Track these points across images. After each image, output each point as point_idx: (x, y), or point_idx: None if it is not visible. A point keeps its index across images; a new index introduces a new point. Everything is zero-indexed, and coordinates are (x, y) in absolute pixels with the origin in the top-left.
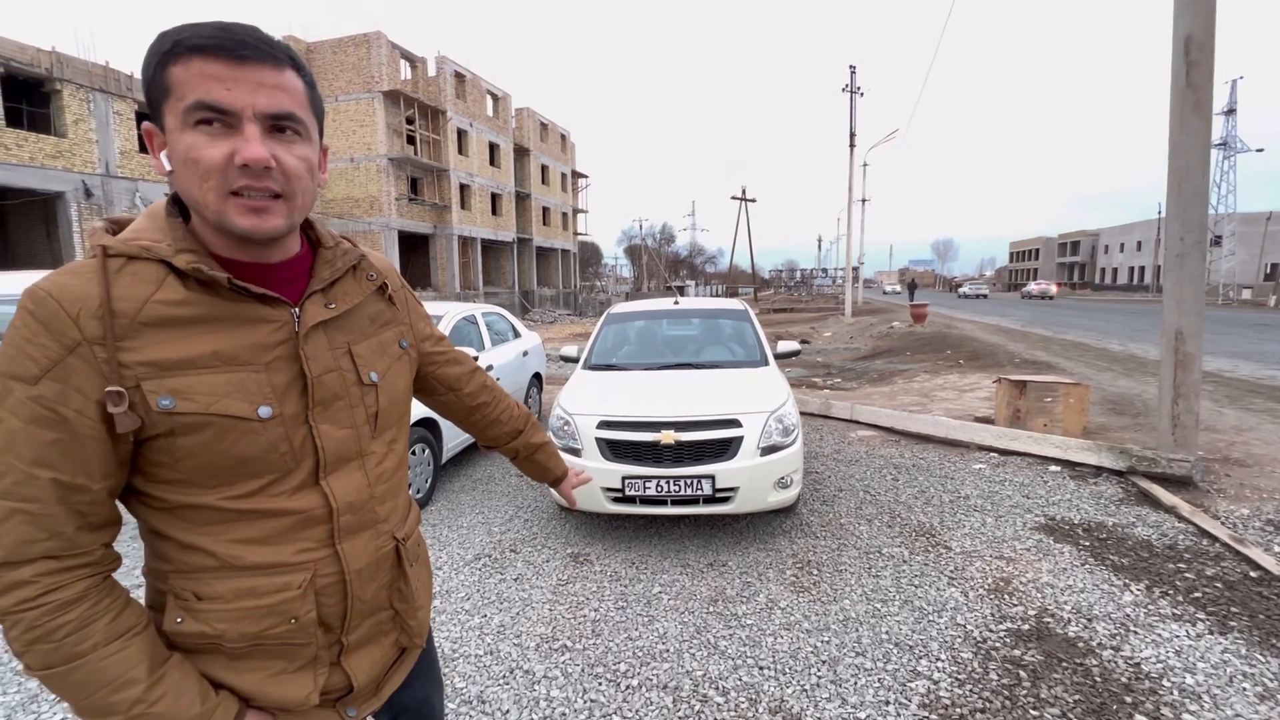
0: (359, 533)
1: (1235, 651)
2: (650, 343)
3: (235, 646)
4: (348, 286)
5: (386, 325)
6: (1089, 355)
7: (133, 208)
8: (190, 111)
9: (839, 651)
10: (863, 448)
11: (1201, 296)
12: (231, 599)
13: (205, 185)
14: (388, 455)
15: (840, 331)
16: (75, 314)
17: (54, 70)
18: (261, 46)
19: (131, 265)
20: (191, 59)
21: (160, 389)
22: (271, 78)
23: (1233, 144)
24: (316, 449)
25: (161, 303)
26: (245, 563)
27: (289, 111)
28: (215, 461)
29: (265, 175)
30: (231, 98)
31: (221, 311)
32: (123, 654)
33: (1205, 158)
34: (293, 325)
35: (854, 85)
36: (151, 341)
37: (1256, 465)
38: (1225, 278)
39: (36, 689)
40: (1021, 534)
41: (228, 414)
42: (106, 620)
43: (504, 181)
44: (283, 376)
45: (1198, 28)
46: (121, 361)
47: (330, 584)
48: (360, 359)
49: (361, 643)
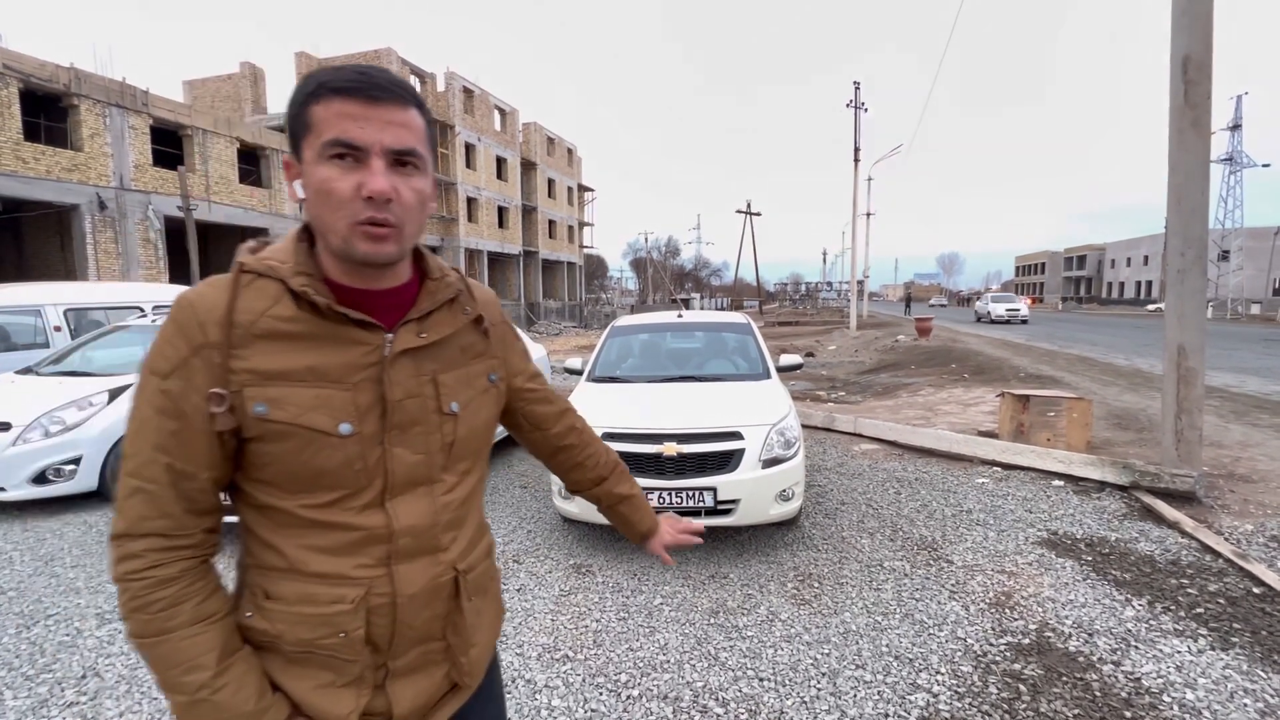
0: (416, 558)
1: (1237, 667)
2: (654, 355)
3: (291, 650)
4: (443, 317)
5: (478, 358)
6: (1094, 370)
7: (145, 220)
8: (327, 147)
9: (839, 664)
10: (866, 461)
11: (1203, 312)
12: (293, 601)
13: (336, 214)
14: (458, 485)
15: (845, 345)
16: (204, 320)
17: (72, 86)
18: (392, 89)
19: (258, 281)
20: (332, 100)
21: (258, 396)
22: (398, 116)
23: (1239, 159)
24: (386, 471)
25: (274, 317)
26: (309, 569)
27: (411, 148)
28: (296, 469)
29: (385, 206)
30: (363, 135)
31: (322, 330)
32: (200, 638)
33: (1204, 174)
34: (383, 349)
35: (858, 101)
36: (259, 351)
37: (1261, 481)
38: (1233, 293)
39: (46, 693)
40: (1024, 548)
41: (311, 426)
42: (194, 602)
43: (511, 195)
44: (366, 397)
45: (1196, 47)
46: (231, 367)
47: (382, 604)
48: (444, 388)
49: (408, 670)
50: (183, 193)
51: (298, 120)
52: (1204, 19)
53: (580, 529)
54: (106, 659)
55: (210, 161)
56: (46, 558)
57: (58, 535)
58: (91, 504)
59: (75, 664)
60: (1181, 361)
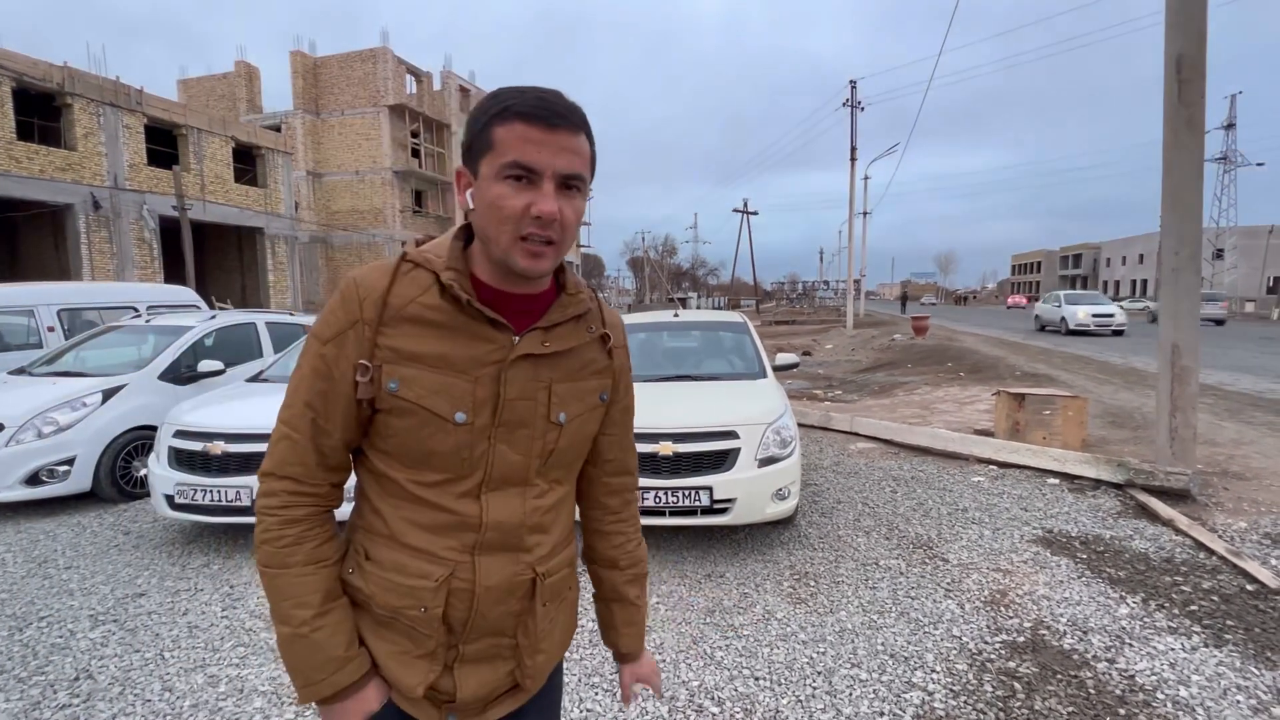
0: (499, 553)
1: (1230, 664)
2: (650, 355)
3: (379, 612)
4: (568, 330)
5: (596, 375)
6: (1090, 368)
7: (139, 219)
8: (506, 167)
9: (835, 662)
10: (862, 460)
11: (1197, 310)
12: (387, 568)
13: (503, 228)
14: (549, 492)
15: (842, 344)
16: (364, 298)
17: (65, 85)
18: (569, 116)
19: (415, 271)
20: (515, 123)
21: (394, 373)
22: (571, 143)
23: (1233, 158)
24: (488, 463)
25: (421, 304)
26: (406, 540)
27: (579, 173)
28: (412, 446)
29: (550, 226)
30: (539, 159)
31: (459, 323)
32: (311, 578)
33: (1199, 173)
34: (509, 350)
35: (854, 100)
36: (403, 333)
37: (1255, 479)
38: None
39: (38, 695)
40: (1019, 546)
41: (431, 409)
42: (312, 545)
43: None
44: (485, 391)
45: (1189, 47)
46: (379, 343)
47: (462, 589)
48: (556, 397)
49: (476, 657)
50: (177, 192)
51: (480, 137)
52: (1197, 18)
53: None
54: (99, 661)
55: (205, 161)
56: (40, 559)
57: (51, 537)
58: (85, 505)
59: (68, 666)
60: (1176, 360)
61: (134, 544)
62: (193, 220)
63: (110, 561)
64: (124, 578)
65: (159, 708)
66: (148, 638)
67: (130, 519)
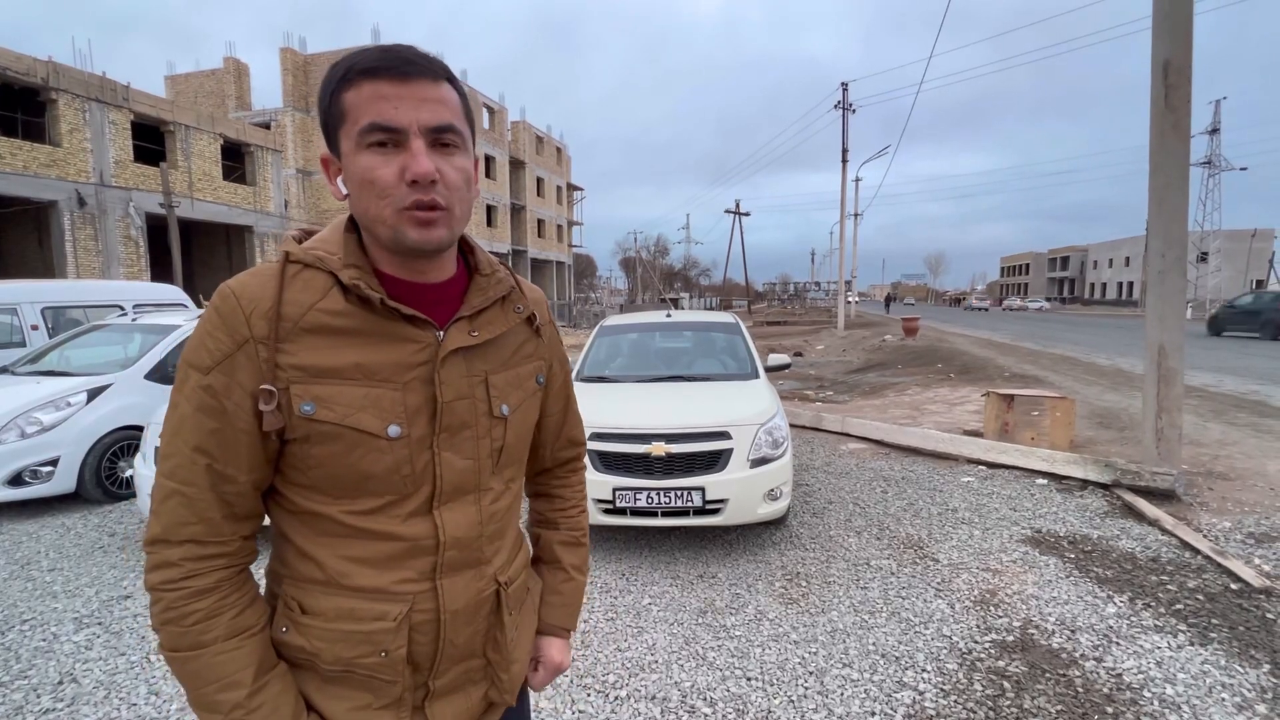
0: (461, 571)
1: (1215, 662)
2: (642, 355)
3: (329, 669)
4: (494, 315)
5: (529, 358)
6: (1077, 369)
7: (126, 217)
8: (364, 134)
9: (826, 663)
10: (853, 460)
11: (1183, 312)
12: (332, 618)
13: (382, 203)
14: (504, 494)
15: (833, 344)
16: (249, 312)
17: (50, 80)
18: (421, 63)
19: (305, 272)
20: (362, 83)
21: (305, 394)
22: (432, 92)
23: (1218, 162)
24: (435, 476)
25: (322, 311)
26: (350, 583)
27: (449, 123)
28: (341, 473)
29: (431, 188)
30: (399, 115)
31: (372, 326)
32: (237, 653)
33: (1184, 177)
34: (435, 348)
35: (846, 102)
36: (306, 347)
37: (1239, 479)
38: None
39: (21, 700)
40: (1008, 546)
41: (359, 428)
42: (231, 615)
43: (499, 194)
44: (416, 398)
45: (1176, 52)
46: (278, 363)
47: (425, 621)
48: (495, 390)
49: (448, 690)
50: (164, 189)
51: (331, 111)
52: (1184, 24)
53: None
54: (84, 664)
55: (193, 158)
56: (22, 561)
57: (34, 538)
58: (69, 506)
59: (52, 670)
60: (1162, 361)
61: (119, 545)
62: (180, 218)
63: (95, 563)
64: (109, 580)
65: (144, 711)
66: (133, 640)
67: (116, 520)
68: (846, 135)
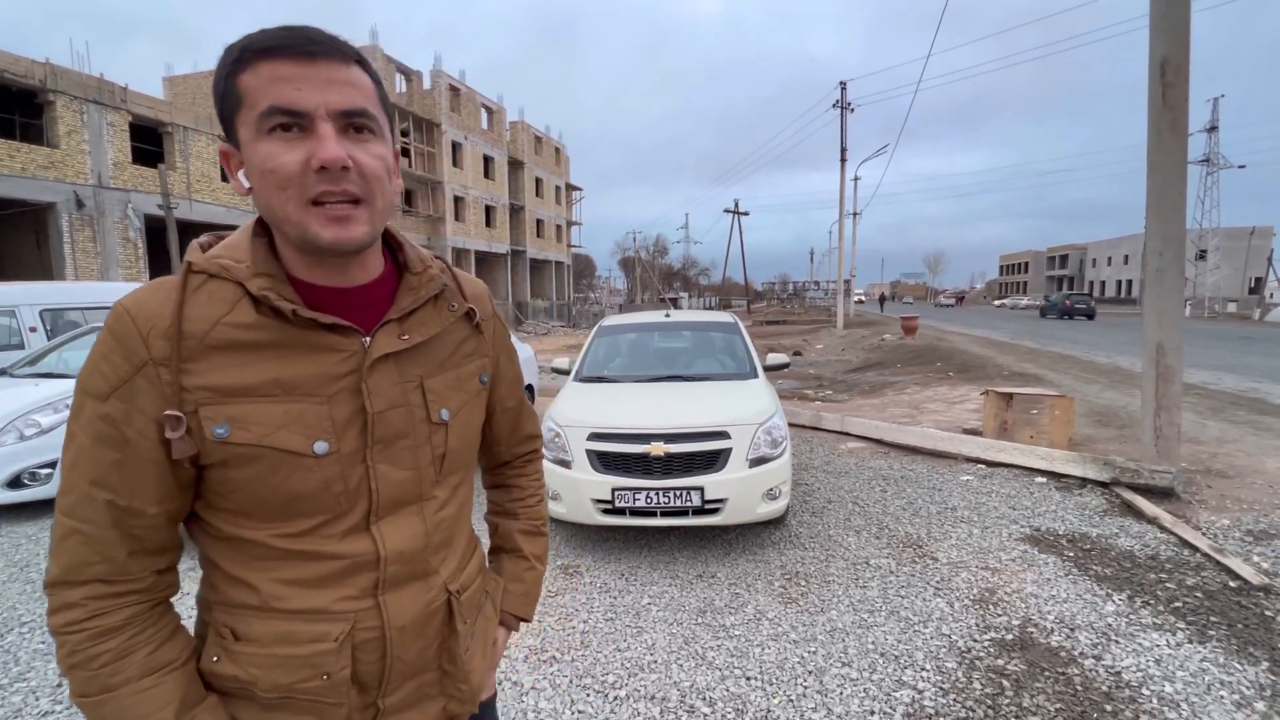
0: (406, 584)
1: (1214, 660)
2: (641, 355)
3: (267, 696)
4: (427, 316)
5: (469, 357)
6: (1076, 368)
7: (124, 218)
8: (263, 119)
9: (825, 662)
10: (852, 459)
11: (1181, 310)
12: (268, 643)
13: (284, 195)
14: (450, 501)
15: (832, 344)
16: (146, 332)
17: (48, 82)
18: (328, 43)
19: (210, 284)
20: (260, 64)
21: (217, 416)
22: (341, 74)
23: (1216, 160)
24: (371, 491)
25: (231, 325)
26: (286, 605)
27: (362, 107)
28: (267, 496)
29: (343, 177)
30: (302, 98)
31: (289, 338)
32: (155, 691)
33: (1182, 175)
34: (361, 355)
35: (844, 101)
36: (215, 365)
37: (1238, 476)
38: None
39: (20, 703)
40: (1007, 545)
41: (282, 447)
42: (145, 653)
43: (498, 194)
44: (344, 410)
45: (1173, 51)
46: (184, 385)
47: (370, 639)
48: (432, 394)
49: (401, 707)
50: (163, 191)
51: (226, 97)
52: (1181, 23)
53: (568, 529)
54: None
55: (191, 159)
56: (21, 564)
57: (33, 540)
58: None
59: (51, 672)
60: (1160, 359)
61: None
62: (179, 219)
63: None
64: None
65: None
66: None
67: None
68: (845, 134)
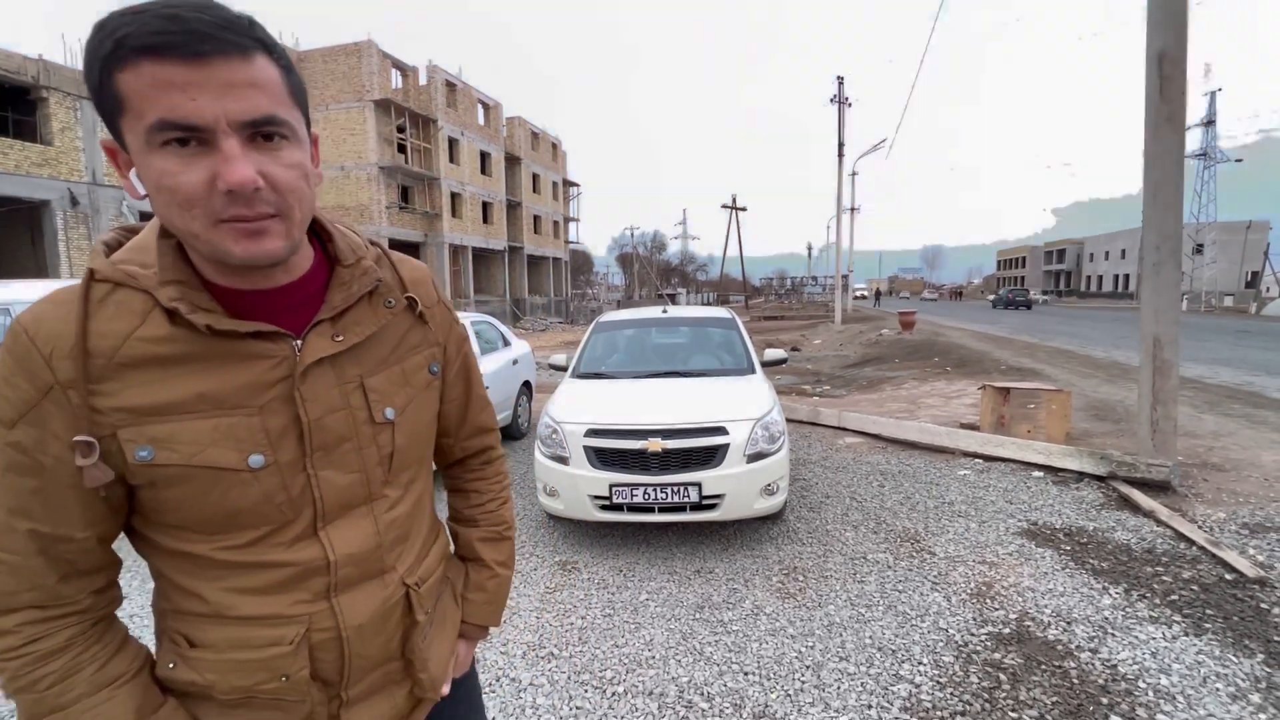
0: (361, 584)
1: (1209, 653)
2: (638, 351)
3: (227, 698)
4: (362, 313)
5: (415, 349)
6: (1073, 362)
7: (119, 216)
8: (154, 132)
9: (823, 656)
10: (850, 454)
11: (1178, 304)
12: (223, 648)
13: (189, 215)
14: (403, 499)
15: (830, 339)
16: (48, 353)
17: (40, 78)
18: (222, 35)
19: (117, 294)
20: (141, 63)
21: (138, 438)
22: (241, 74)
23: (1213, 154)
24: (315, 499)
25: (143, 340)
26: (237, 614)
27: (268, 114)
28: (205, 513)
29: (255, 198)
30: (198, 109)
31: (210, 349)
32: (108, 705)
33: (1179, 169)
34: (292, 361)
35: (842, 96)
36: (130, 384)
37: (1234, 469)
38: (1207, 285)
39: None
40: (1004, 539)
41: (213, 465)
42: (92, 670)
43: (495, 190)
44: (279, 420)
45: (1170, 44)
46: (95, 407)
47: (327, 640)
48: (374, 394)
49: (365, 695)
50: None
51: (103, 95)
52: (1178, 16)
53: (566, 526)
54: None
55: None
56: None
57: None
58: None
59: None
60: (1157, 353)
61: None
62: None
63: None
64: None
65: None
66: None
67: None
68: (842, 128)
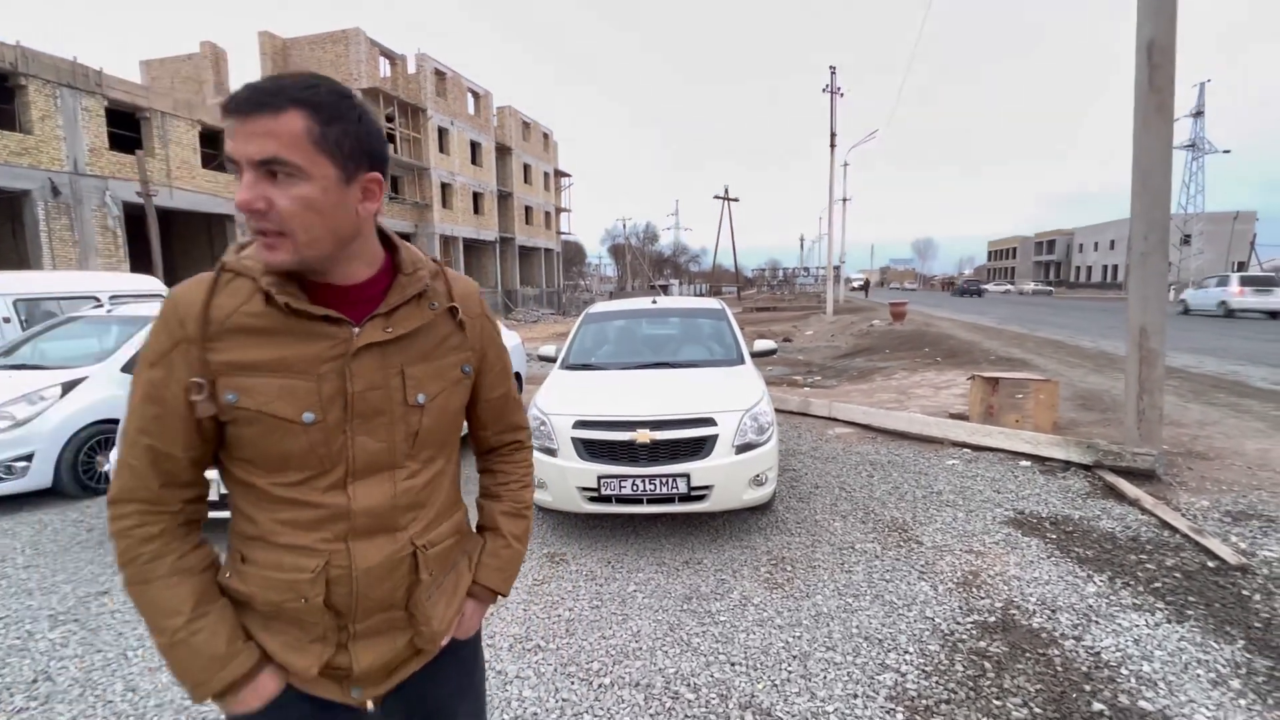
0: (374, 535)
1: (1191, 639)
2: (628, 342)
3: (263, 609)
4: (410, 312)
5: (453, 350)
6: (1062, 352)
7: (102, 206)
8: (228, 162)
9: (810, 646)
10: (840, 445)
11: (1165, 294)
12: (264, 567)
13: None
14: (420, 472)
15: (822, 330)
16: (183, 316)
17: (18, 65)
18: (261, 98)
19: (235, 280)
20: (227, 118)
21: (230, 385)
22: (264, 126)
23: (1201, 145)
24: (348, 457)
25: (245, 313)
26: (278, 540)
27: (273, 155)
28: (266, 451)
29: (258, 216)
30: (233, 149)
31: (289, 326)
32: (178, 589)
33: (1168, 159)
34: (349, 343)
35: (834, 86)
36: (232, 345)
37: (1218, 458)
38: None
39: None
40: (991, 528)
41: (276, 414)
42: (173, 558)
43: (486, 180)
44: (330, 387)
45: (1160, 32)
46: (208, 360)
47: (340, 575)
48: (411, 380)
49: (370, 633)
50: (141, 178)
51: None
52: (1168, 4)
53: (555, 518)
54: (59, 662)
55: (170, 145)
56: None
57: (9, 535)
58: (45, 502)
59: (26, 668)
60: (1143, 343)
61: (97, 541)
62: (159, 207)
63: (72, 559)
64: (86, 576)
65: (121, 708)
66: (110, 637)
67: (94, 515)
68: (835, 119)
